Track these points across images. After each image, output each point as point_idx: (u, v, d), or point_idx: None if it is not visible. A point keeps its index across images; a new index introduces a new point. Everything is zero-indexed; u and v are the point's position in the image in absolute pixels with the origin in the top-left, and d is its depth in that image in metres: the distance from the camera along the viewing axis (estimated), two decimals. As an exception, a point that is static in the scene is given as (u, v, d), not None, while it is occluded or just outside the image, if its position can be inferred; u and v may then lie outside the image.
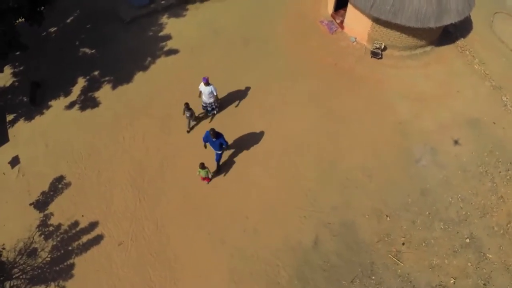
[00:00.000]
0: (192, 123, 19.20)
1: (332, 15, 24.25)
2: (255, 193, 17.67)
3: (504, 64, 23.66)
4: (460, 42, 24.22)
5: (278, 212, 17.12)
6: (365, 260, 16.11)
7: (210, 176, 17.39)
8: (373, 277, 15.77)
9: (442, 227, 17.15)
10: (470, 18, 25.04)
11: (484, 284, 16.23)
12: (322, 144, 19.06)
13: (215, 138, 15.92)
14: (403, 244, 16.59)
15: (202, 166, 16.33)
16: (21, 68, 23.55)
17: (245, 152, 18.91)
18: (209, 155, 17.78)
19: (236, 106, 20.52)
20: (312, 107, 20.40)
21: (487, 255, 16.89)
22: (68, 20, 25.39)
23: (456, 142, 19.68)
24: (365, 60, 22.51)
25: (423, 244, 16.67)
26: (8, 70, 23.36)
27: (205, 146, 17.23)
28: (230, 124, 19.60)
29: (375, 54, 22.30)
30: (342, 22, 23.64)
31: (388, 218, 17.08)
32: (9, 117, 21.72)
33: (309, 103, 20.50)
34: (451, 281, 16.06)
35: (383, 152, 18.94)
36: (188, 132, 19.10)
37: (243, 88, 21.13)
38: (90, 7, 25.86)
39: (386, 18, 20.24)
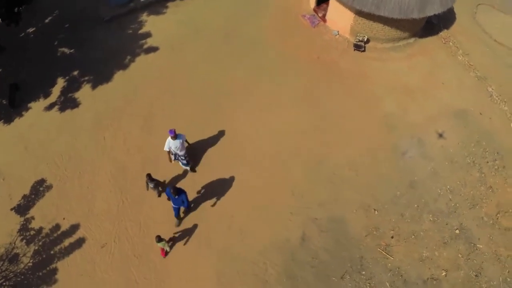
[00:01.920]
0: (160, 190, 17.10)
1: (314, 9, 23.88)
2: (241, 191, 17.18)
3: (488, 55, 23.51)
4: (444, 33, 24.00)
5: (264, 210, 16.67)
6: (354, 255, 15.72)
7: (167, 249, 15.68)
8: (363, 272, 15.38)
9: (431, 219, 16.84)
10: (453, 9, 24.94)
11: (476, 275, 15.96)
12: (307, 140, 18.64)
13: (177, 195, 14.67)
14: (392, 237, 16.24)
15: (159, 239, 14.58)
16: (-1, 70, 22.83)
17: (229, 151, 18.39)
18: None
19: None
20: (296, 103, 19.95)
21: (478, 245, 16.65)
22: (47, 20, 24.68)
23: (441, 134, 19.34)
24: (348, 53, 22.14)
25: (412, 236, 16.33)
26: (-15, 73, 22.62)
27: (168, 199, 16.08)
28: (213, 124, 19.09)
29: (358, 47, 21.93)
30: (324, 15, 23.28)
31: (376, 212, 16.70)
32: (-12, 121, 20.96)
33: (293, 100, 20.06)
34: (443, 274, 15.74)
35: (369, 146, 18.58)
36: (159, 196, 17.10)
37: (225, 86, 20.56)
38: (69, 7, 25.19)
39: (369, 10, 19.88)
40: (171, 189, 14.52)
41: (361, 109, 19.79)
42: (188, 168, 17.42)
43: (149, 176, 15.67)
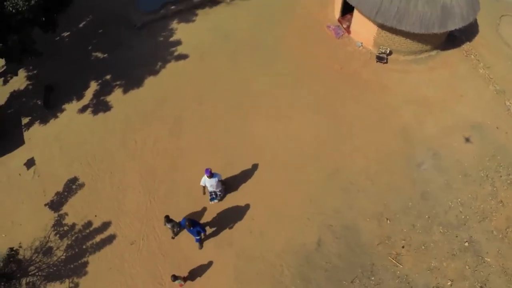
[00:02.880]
0: (177, 230, 17.77)
1: (339, 20, 25.20)
2: (261, 196, 18.78)
3: (509, 68, 24.37)
4: (466, 46, 24.95)
5: (283, 214, 18.21)
6: (365, 261, 17.14)
7: (182, 283, 16.77)
8: (373, 278, 16.80)
9: (441, 230, 18.10)
10: (476, 21, 25.75)
11: (481, 287, 17.12)
12: (326, 149, 20.10)
13: (192, 227, 15.88)
14: (403, 247, 17.58)
15: (174, 277, 15.63)
16: (35, 71, 24.83)
17: (251, 157, 20.01)
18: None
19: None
20: (317, 112, 21.41)
21: (485, 258, 17.74)
22: (81, 25, 26.60)
23: (457, 147, 20.54)
24: (370, 65, 23.46)
25: (423, 247, 17.65)
26: (22, 73, 24.69)
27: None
28: (236, 130, 20.73)
29: (380, 59, 23.23)
30: (348, 27, 24.58)
31: (388, 221, 18.08)
32: (25, 120, 23.06)
33: (315, 109, 21.53)
34: (448, 283, 17.01)
35: (386, 157, 19.92)
36: (173, 238, 17.90)
37: (251, 94, 22.16)
38: (101, 13, 27.07)
39: (391, 25, 21.17)
40: (186, 222, 15.89)
41: (379, 120, 21.14)
42: (217, 200, 18.45)
43: (167, 217, 16.67)
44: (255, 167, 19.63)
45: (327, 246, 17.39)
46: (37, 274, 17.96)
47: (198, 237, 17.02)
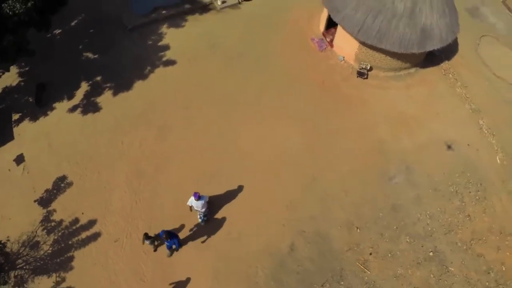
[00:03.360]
0: (157, 243, 19.14)
1: (323, 33, 26.86)
2: (241, 200, 20.38)
3: (486, 88, 26.13)
4: (445, 64, 26.78)
5: (260, 219, 19.77)
6: (335, 266, 18.78)
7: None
8: (342, 283, 18.45)
9: (408, 240, 19.82)
10: (456, 40, 27.46)
11: None
12: (305, 159, 21.72)
13: (169, 239, 17.52)
14: (371, 254, 19.26)
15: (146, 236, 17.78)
16: (26, 68, 26.00)
17: (234, 163, 21.56)
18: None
19: None
20: (299, 124, 23.02)
21: (450, 268, 19.47)
22: (73, 24, 27.82)
23: (428, 163, 22.29)
24: (351, 79, 25.14)
25: (389, 255, 19.35)
26: (14, 70, 25.80)
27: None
28: (221, 136, 22.27)
29: (361, 74, 24.92)
30: (332, 40, 26.24)
31: (358, 230, 19.75)
32: (15, 116, 24.26)
33: (296, 120, 23.13)
34: (413, 290, 18.76)
35: (361, 169, 21.59)
36: (155, 251, 19.19)
37: (236, 102, 23.72)
38: (94, 12, 28.35)
39: (372, 43, 22.85)
40: (164, 234, 17.48)
41: (357, 133, 22.82)
42: (202, 222, 19.68)
43: (145, 235, 17.76)
44: (236, 172, 21.16)
45: (299, 251, 19.00)
46: (24, 267, 19.24)
47: (170, 249, 18.80)
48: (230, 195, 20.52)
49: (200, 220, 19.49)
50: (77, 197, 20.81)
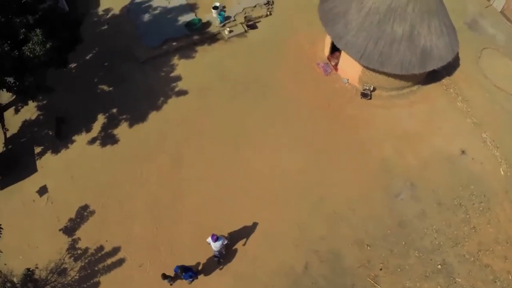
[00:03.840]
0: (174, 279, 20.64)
1: (328, 57, 28.60)
2: (254, 223, 22.08)
3: (486, 100, 27.61)
4: (446, 80, 28.35)
5: (273, 240, 21.42)
6: (347, 282, 20.34)
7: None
8: (354, 297, 20.09)
9: (416, 255, 21.34)
10: (457, 55, 29.01)
11: None
12: (313, 181, 23.37)
13: (183, 273, 19.23)
14: (381, 269, 20.81)
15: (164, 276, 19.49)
16: (44, 102, 27.91)
17: (244, 188, 23.32)
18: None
19: None
20: (305, 146, 24.72)
21: (457, 279, 20.93)
22: (87, 57, 29.79)
23: (432, 178, 23.86)
24: (355, 101, 26.82)
25: (399, 269, 20.89)
26: (32, 103, 27.72)
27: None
28: (233, 163, 24.08)
29: (364, 95, 26.61)
30: (336, 64, 27.98)
31: (368, 247, 21.33)
32: (37, 149, 26.16)
33: (303, 143, 24.84)
34: (421, 302, 20.30)
35: (367, 188, 23.21)
36: (171, 285, 20.87)
37: (245, 129, 25.60)
38: (107, 46, 30.31)
39: (374, 67, 24.52)
40: (178, 269, 19.29)
41: (362, 153, 24.45)
42: (216, 260, 21.01)
43: (163, 275, 19.33)
44: (248, 196, 22.89)
45: (313, 269, 20.60)
46: (52, 293, 21.06)
47: (190, 280, 20.50)
48: (243, 219, 22.21)
49: (215, 259, 21.02)
50: (100, 226, 22.61)
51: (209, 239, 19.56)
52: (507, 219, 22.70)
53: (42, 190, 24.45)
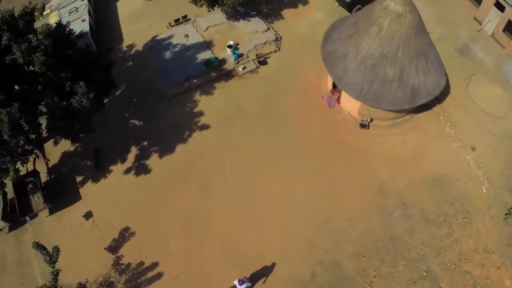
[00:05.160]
0: None
1: (331, 91, 35.04)
2: (269, 240, 28.44)
3: (473, 124, 33.44)
4: (436, 108, 34.32)
5: (286, 254, 27.73)
6: (346, 287, 26.80)
7: None
8: (353, 300, 26.53)
9: (404, 264, 27.51)
10: (448, 83, 35.00)
11: None
12: (319, 203, 29.67)
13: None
14: (375, 276, 27.02)
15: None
16: (81, 135, 34.51)
17: (260, 210, 29.76)
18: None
19: None
20: (312, 174, 30.99)
21: (441, 284, 26.92)
22: (117, 93, 36.45)
23: (421, 198, 30.16)
24: (355, 131, 33.16)
25: (390, 276, 27.09)
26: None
27: None
28: (252, 189, 30.69)
29: (363, 126, 32.98)
30: (339, 97, 34.41)
31: (364, 258, 27.63)
32: (78, 178, 32.81)
33: (309, 171, 31.14)
34: (409, 303, 26.66)
35: (365, 208, 29.42)
36: None
37: (261, 159, 32.03)
38: (134, 81, 37.01)
39: (370, 104, 30.86)
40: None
41: (360, 177, 30.68)
42: None
43: None
44: (265, 217, 29.27)
45: (319, 277, 26.93)
46: (104, 304, 27.61)
47: None
48: (260, 234, 28.69)
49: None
50: (140, 244, 29.11)
51: (236, 283, 25.69)
52: (486, 231, 28.66)
53: (88, 215, 31.06)
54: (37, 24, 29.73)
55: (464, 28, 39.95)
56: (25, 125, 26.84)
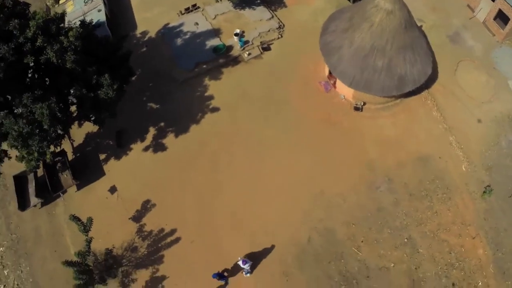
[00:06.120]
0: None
1: (328, 76, 40.73)
2: (271, 209, 34.38)
3: (458, 108, 38.95)
4: (424, 93, 39.68)
5: (285, 221, 33.68)
6: (338, 250, 32.55)
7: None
8: (342, 260, 32.26)
9: (389, 231, 33.45)
10: (436, 69, 40.30)
11: (415, 268, 32.27)
12: (315, 177, 35.47)
13: (220, 278, 31.80)
14: (362, 241, 32.93)
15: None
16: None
17: (263, 183, 35.56)
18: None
19: None
20: (310, 151, 36.68)
21: (420, 250, 32.75)
22: (134, 78, 42.12)
23: (407, 173, 36.22)
24: (350, 113, 38.75)
25: (375, 242, 33.01)
26: (94, 118, 40.34)
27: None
28: (256, 165, 36.57)
29: (356, 109, 38.61)
30: (335, 82, 40.06)
31: (353, 225, 33.55)
32: (101, 156, 38.62)
33: (307, 149, 36.84)
34: (392, 265, 32.32)
35: (355, 182, 35.15)
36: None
37: (264, 137, 37.78)
38: (148, 67, 42.50)
39: (361, 91, 36.65)
40: (216, 276, 31.54)
41: (353, 156, 36.32)
42: (246, 274, 32.78)
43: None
44: (268, 189, 35.12)
45: (314, 241, 32.89)
46: (128, 265, 33.39)
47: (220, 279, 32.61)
48: (264, 204, 34.58)
49: (244, 274, 32.61)
50: (160, 213, 35.03)
51: (241, 264, 31.26)
52: (464, 206, 34.45)
53: (112, 189, 36.91)
54: (53, 11, 34.69)
55: (457, 16, 44.96)
56: (60, 115, 31.94)
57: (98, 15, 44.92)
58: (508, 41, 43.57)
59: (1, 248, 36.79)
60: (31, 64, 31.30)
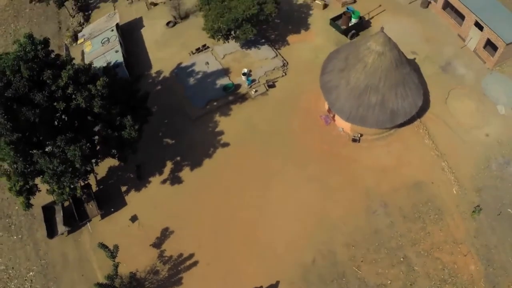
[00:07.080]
0: None
1: (328, 110, 45.93)
2: (279, 233, 39.23)
3: (449, 135, 43.53)
4: (417, 122, 44.46)
5: (291, 244, 38.41)
6: (340, 270, 37.21)
7: None
8: (344, 279, 36.96)
9: (386, 251, 38.02)
10: (428, 98, 45.19)
11: (411, 284, 36.78)
12: (317, 204, 40.31)
13: None
14: (362, 261, 37.54)
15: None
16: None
17: (271, 210, 40.45)
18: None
19: None
20: (313, 180, 41.54)
21: (415, 268, 37.29)
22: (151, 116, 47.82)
23: (401, 197, 41.30)
24: (348, 144, 43.67)
25: (373, 261, 37.53)
26: (115, 154, 45.90)
27: None
28: (262, 193, 41.60)
29: (354, 140, 43.55)
30: (334, 116, 45.31)
31: (353, 247, 38.29)
32: (123, 188, 43.87)
33: (310, 177, 41.74)
34: (389, 282, 37.03)
35: (354, 207, 39.88)
36: None
37: (270, 169, 42.80)
38: (164, 104, 47.79)
39: (358, 124, 41.78)
40: None
41: (351, 184, 41.14)
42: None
43: None
44: (276, 215, 39.98)
45: (318, 262, 37.61)
46: (150, 286, 38.20)
47: None
48: (272, 230, 39.42)
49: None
50: (179, 240, 39.87)
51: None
52: (455, 226, 38.87)
53: (134, 218, 41.90)
54: (72, 52, 40.33)
55: (449, 45, 49.92)
56: (89, 153, 37.01)
57: (115, 55, 50.26)
58: (498, 67, 47.63)
59: (31, 273, 41.48)
60: (61, 109, 35.95)
